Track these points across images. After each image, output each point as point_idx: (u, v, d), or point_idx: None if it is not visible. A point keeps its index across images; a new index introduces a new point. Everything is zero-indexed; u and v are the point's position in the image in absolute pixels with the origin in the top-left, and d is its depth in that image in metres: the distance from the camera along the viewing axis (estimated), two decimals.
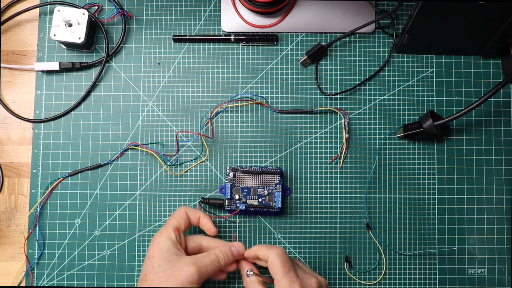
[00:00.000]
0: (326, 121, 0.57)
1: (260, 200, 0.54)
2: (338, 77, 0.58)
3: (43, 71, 0.57)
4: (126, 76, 0.58)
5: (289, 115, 0.57)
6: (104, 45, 0.57)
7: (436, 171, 0.56)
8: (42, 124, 0.57)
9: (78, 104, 0.57)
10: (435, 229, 0.56)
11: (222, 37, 0.57)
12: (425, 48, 0.57)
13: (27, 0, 0.59)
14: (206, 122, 0.57)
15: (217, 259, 0.47)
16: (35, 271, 0.55)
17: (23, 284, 0.55)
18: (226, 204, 0.53)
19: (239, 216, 0.55)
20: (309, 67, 0.58)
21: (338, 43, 0.58)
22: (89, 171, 0.56)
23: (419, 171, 0.56)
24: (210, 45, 0.58)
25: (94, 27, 0.57)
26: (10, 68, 0.58)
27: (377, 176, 0.56)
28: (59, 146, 0.57)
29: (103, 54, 0.57)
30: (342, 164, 0.56)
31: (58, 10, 0.54)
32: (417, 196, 0.56)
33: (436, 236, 0.55)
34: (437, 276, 0.55)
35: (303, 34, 0.58)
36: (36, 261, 0.55)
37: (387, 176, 0.56)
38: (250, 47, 0.58)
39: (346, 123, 0.56)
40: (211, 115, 0.57)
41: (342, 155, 0.56)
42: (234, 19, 0.58)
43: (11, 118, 0.57)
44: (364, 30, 0.57)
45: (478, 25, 0.51)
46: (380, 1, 0.58)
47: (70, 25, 0.54)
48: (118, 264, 0.55)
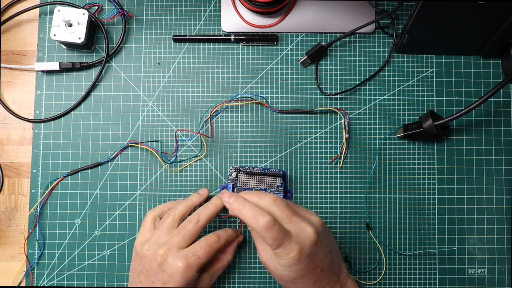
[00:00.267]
0: (326, 121, 0.57)
1: None
2: (338, 77, 0.58)
3: (43, 71, 0.57)
4: (126, 76, 0.58)
5: (289, 115, 0.57)
6: (104, 45, 0.57)
7: (436, 171, 0.56)
8: (42, 124, 0.57)
9: (78, 104, 0.57)
10: (435, 229, 0.56)
11: (222, 37, 0.58)
12: (425, 48, 0.57)
13: (27, 0, 0.59)
14: (206, 119, 0.57)
15: (227, 262, 0.51)
16: (35, 271, 0.55)
17: (23, 284, 0.55)
18: None
19: None
20: (309, 67, 0.58)
21: (338, 43, 0.58)
22: (89, 171, 0.56)
23: (419, 171, 0.56)
24: (210, 45, 0.58)
25: (94, 27, 0.57)
26: (10, 68, 0.58)
27: (377, 176, 0.56)
28: (59, 146, 0.57)
29: (103, 54, 0.57)
30: (342, 164, 0.56)
31: (58, 10, 0.54)
32: (417, 196, 0.56)
33: (436, 236, 0.55)
34: (437, 276, 0.55)
35: (303, 34, 0.58)
36: (36, 261, 0.55)
37: (387, 176, 0.56)
38: (250, 47, 0.58)
39: (346, 123, 0.56)
40: (211, 114, 0.57)
41: (342, 155, 0.56)
42: (234, 19, 0.58)
43: (11, 118, 0.57)
44: (364, 30, 0.57)
45: (478, 25, 0.51)
46: (380, 1, 0.59)
47: (70, 25, 0.54)
48: (118, 264, 0.55)
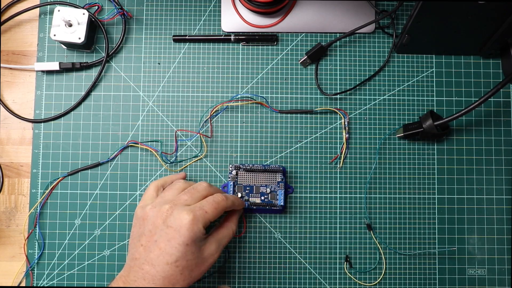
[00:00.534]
0: (326, 121, 0.57)
1: (263, 198, 0.54)
2: (338, 77, 0.58)
3: (43, 71, 0.57)
4: (126, 76, 0.58)
5: (289, 115, 0.57)
6: (104, 45, 0.57)
7: (436, 171, 0.56)
8: (42, 124, 0.57)
9: (78, 104, 0.57)
10: (435, 229, 0.56)
11: (222, 37, 0.58)
12: (425, 48, 0.57)
13: (27, 0, 0.59)
14: (206, 119, 0.57)
15: (233, 233, 0.50)
16: (35, 271, 0.55)
17: (23, 284, 0.55)
18: None
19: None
20: (309, 67, 0.58)
21: (338, 43, 0.58)
22: (89, 171, 0.56)
23: (419, 171, 0.56)
24: (210, 45, 0.58)
25: (94, 27, 0.57)
26: (10, 68, 0.58)
27: (377, 176, 0.56)
28: (59, 146, 0.57)
29: (103, 54, 0.57)
30: (342, 164, 0.56)
31: (58, 10, 0.54)
32: (417, 196, 0.56)
33: (436, 236, 0.55)
34: (437, 276, 0.55)
35: (303, 34, 0.58)
36: (36, 261, 0.55)
37: (387, 176, 0.56)
38: (250, 47, 0.58)
39: (346, 123, 0.56)
40: (211, 115, 0.57)
41: (342, 155, 0.56)
42: (234, 19, 0.58)
43: (11, 118, 0.57)
44: (364, 30, 0.57)
45: (478, 25, 0.51)
46: (380, 1, 0.59)
47: (70, 25, 0.54)
48: (118, 264, 0.55)
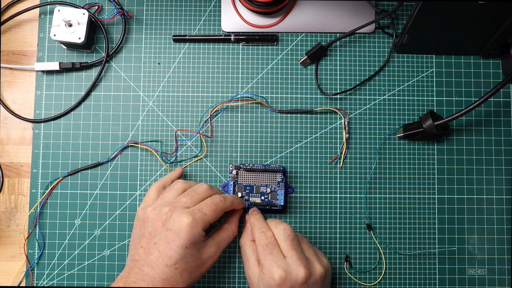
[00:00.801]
0: (326, 121, 0.57)
1: (263, 198, 0.54)
2: (338, 77, 0.58)
3: (43, 71, 0.57)
4: (126, 76, 0.58)
5: (289, 115, 0.57)
6: (104, 45, 0.57)
7: (436, 171, 0.56)
8: (42, 124, 0.57)
9: (78, 104, 0.57)
10: (435, 229, 0.56)
11: (222, 37, 0.58)
12: (425, 48, 0.57)
13: (27, 0, 0.59)
14: (206, 119, 0.57)
15: (233, 235, 0.50)
16: (35, 271, 0.55)
17: (23, 284, 0.55)
18: None
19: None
20: (309, 67, 0.58)
21: (338, 43, 0.58)
22: (89, 171, 0.56)
23: (419, 171, 0.56)
24: (210, 45, 0.58)
25: (94, 27, 0.57)
26: (10, 68, 0.58)
27: (377, 176, 0.56)
28: (59, 146, 0.57)
29: (103, 54, 0.57)
30: (342, 164, 0.56)
31: (58, 10, 0.54)
32: (417, 196, 0.56)
33: (436, 236, 0.55)
34: (437, 276, 0.55)
35: (303, 34, 0.58)
36: (36, 261, 0.55)
37: (387, 176, 0.56)
38: (250, 47, 0.58)
39: (346, 123, 0.56)
40: (211, 115, 0.57)
41: (342, 155, 0.56)
42: (234, 19, 0.58)
43: (11, 118, 0.57)
44: (364, 30, 0.57)
45: (478, 25, 0.51)
46: (380, 1, 0.59)
47: (70, 25, 0.54)
48: (118, 264, 0.55)
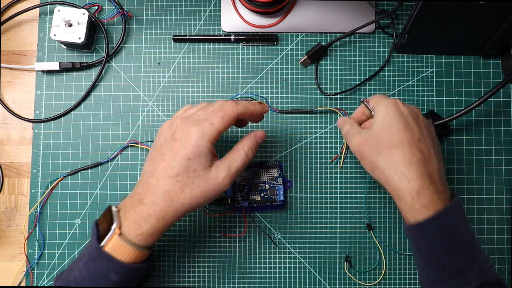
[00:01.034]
0: (326, 121, 0.57)
1: (262, 195, 0.54)
2: (338, 77, 0.58)
3: (43, 71, 0.57)
4: (126, 76, 0.58)
5: (289, 115, 0.57)
6: (104, 45, 0.57)
7: None
8: (42, 124, 0.57)
9: (78, 104, 0.57)
10: None
11: (222, 37, 0.58)
12: (425, 48, 0.57)
13: (27, 0, 0.59)
14: None
15: (246, 157, 0.45)
16: (35, 271, 0.55)
17: (23, 284, 0.55)
18: (229, 203, 0.53)
19: (241, 214, 0.55)
20: (309, 67, 0.58)
21: (338, 43, 0.58)
22: (89, 171, 0.56)
23: None
24: (210, 45, 0.58)
25: (94, 27, 0.57)
26: (10, 68, 0.58)
27: None
28: (59, 146, 0.57)
29: (103, 54, 0.57)
30: (342, 164, 0.56)
31: (58, 10, 0.54)
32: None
33: None
34: None
35: (303, 34, 0.58)
36: (36, 261, 0.55)
37: None
38: (250, 47, 0.58)
39: None
40: None
41: (342, 155, 0.56)
42: (234, 19, 0.58)
43: (11, 118, 0.57)
44: (364, 30, 0.57)
45: (478, 25, 0.51)
46: (380, 1, 0.58)
47: (70, 25, 0.54)
48: None
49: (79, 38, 0.54)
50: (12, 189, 0.56)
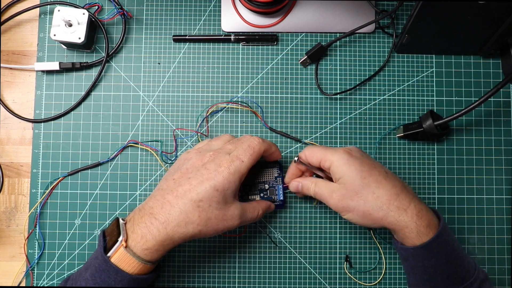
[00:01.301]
0: (326, 121, 0.57)
1: (262, 195, 0.54)
2: (338, 77, 0.58)
3: (43, 71, 0.57)
4: (126, 76, 0.58)
5: (289, 115, 0.57)
6: (104, 45, 0.57)
7: (436, 171, 0.56)
8: (42, 124, 0.57)
9: (78, 104, 0.57)
10: None
11: (222, 37, 0.58)
12: (425, 48, 0.57)
13: (27, 0, 0.59)
14: (203, 119, 0.57)
15: (257, 216, 0.48)
16: (35, 271, 0.55)
17: (23, 284, 0.55)
18: None
19: None
20: (309, 67, 0.58)
21: (338, 43, 0.58)
22: (89, 171, 0.56)
23: (419, 171, 0.56)
24: (210, 45, 0.58)
25: (94, 27, 0.57)
26: (10, 68, 0.58)
27: None
28: (59, 146, 0.57)
29: (103, 54, 0.57)
30: None
31: (58, 10, 0.54)
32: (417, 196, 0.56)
33: None
34: None
35: (303, 34, 0.58)
36: (36, 261, 0.55)
37: None
38: (250, 47, 0.58)
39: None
40: (207, 115, 0.57)
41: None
42: (234, 19, 0.58)
43: (11, 118, 0.57)
44: (364, 30, 0.57)
45: (478, 25, 0.51)
46: (380, 1, 0.58)
47: (70, 25, 0.54)
48: None
49: (79, 38, 0.54)
50: (12, 189, 0.56)
